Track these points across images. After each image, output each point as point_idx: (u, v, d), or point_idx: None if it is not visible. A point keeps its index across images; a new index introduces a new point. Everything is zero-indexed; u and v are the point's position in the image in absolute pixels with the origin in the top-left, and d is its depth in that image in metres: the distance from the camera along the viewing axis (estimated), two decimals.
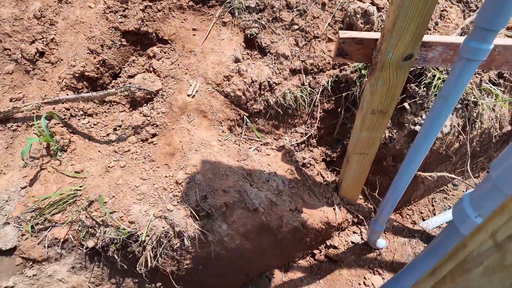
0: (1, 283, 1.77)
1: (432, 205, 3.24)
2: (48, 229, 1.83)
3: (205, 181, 2.05)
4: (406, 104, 2.44)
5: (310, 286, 2.76)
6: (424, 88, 2.37)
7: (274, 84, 2.46)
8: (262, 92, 2.44)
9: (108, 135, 2.23)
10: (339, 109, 2.67)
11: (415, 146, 1.93)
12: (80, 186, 1.94)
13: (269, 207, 2.27)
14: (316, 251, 2.93)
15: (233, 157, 2.24)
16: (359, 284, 2.70)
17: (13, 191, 1.96)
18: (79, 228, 1.83)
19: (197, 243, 1.99)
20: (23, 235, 1.82)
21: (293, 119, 2.64)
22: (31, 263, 1.81)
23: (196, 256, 2.08)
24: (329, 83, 2.56)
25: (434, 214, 3.17)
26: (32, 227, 1.81)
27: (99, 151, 2.14)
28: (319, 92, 2.57)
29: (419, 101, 2.38)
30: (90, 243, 1.79)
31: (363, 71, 2.50)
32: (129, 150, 2.15)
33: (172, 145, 2.16)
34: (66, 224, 1.82)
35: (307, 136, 2.70)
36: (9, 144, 2.15)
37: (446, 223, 3.05)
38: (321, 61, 2.55)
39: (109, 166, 2.05)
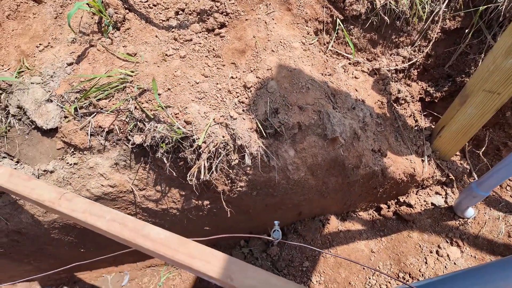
0: (41, 166, 1.58)
1: None
2: (93, 115, 1.55)
3: (280, 91, 1.60)
4: None
5: (370, 241, 2.37)
6: None
7: None
8: None
9: (168, 19, 1.81)
10: (466, 31, 1.96)
11: None
12: (132, 71, 1.59)
13: (350, 141, 1.80)
14: (383, 206, 2.49)
15: (317, 67, 1.74)
16: (431, 252, 2.26)
17: (59, 66, 1.68)
18: (127, 120, 1.53)
19: (259, 165, 1.63)
20: (65, 117, 1.57)
21: (398, 36, 1.99)
22: (72, 150, 1.58)
23: (253, 179, 1.74)
24: None
25: None
26: (76, 109, 1.55)
27: (156, 36, 1.75)
28: (446, 1, 1.86)
29: None
30: (138, 139, 1.49)
31: None
32: (191, 40, 1.73)
33: (243, 40, 1.69)
34: (112, 112, 1.52)
35: (410, 62, 2.07)
36: (58, 14, 1.83)
37: None
38: None
39: (166, 54, 1.66)
